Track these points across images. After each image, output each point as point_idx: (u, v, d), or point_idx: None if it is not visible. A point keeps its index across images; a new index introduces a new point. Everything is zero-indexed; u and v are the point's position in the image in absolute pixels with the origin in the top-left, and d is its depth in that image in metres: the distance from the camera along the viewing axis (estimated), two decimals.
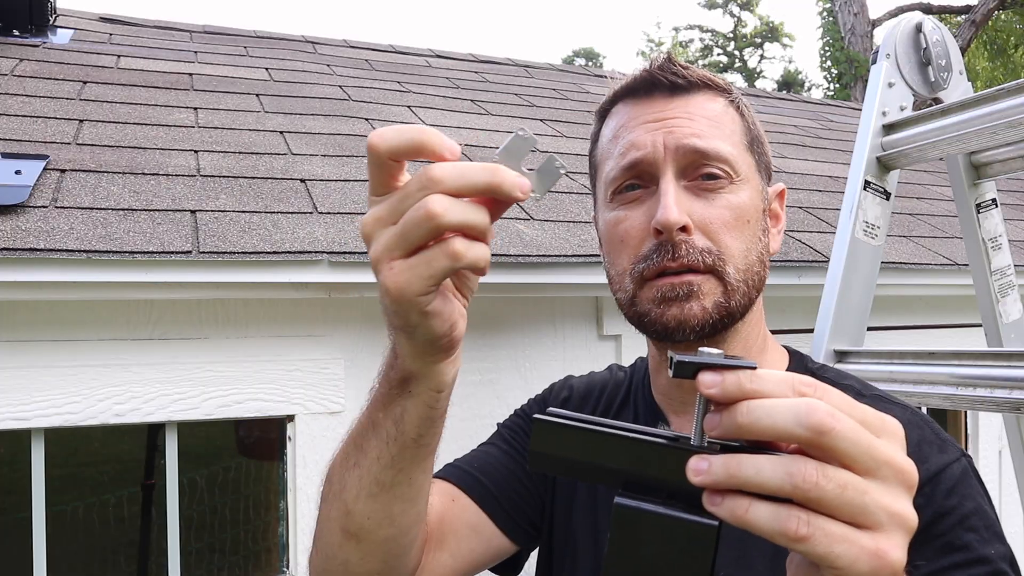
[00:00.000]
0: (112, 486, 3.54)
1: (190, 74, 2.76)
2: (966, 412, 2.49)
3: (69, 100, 2.20)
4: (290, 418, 1.57)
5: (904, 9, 10.56)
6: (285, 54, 3.45)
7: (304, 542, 1.57)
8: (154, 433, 2.79)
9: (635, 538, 0.46)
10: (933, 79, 1.50)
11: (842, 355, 1.37)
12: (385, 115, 2.67)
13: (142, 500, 3.31)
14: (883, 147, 1.46)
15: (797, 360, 0.92)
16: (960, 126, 1.35)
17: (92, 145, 1.86)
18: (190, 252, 1.39)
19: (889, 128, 1.47)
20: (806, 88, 21.79)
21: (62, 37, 3.01)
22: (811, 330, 1.40)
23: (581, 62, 23.27)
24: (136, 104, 2.27)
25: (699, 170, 0.79)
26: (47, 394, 1.40)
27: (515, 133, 0.56)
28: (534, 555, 1.00)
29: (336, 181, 1.89)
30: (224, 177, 1.79)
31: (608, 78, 0.92)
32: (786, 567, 0.49)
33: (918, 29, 1.50)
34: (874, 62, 1.52)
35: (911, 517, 0.44)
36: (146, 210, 1.54)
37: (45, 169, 1.63)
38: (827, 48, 12.33)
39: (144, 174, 1.72)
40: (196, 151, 1.94)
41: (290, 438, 1.57)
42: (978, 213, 1.51)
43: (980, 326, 1.53)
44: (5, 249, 1.29)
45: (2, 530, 2.77)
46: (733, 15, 23.28)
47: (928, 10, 10.38)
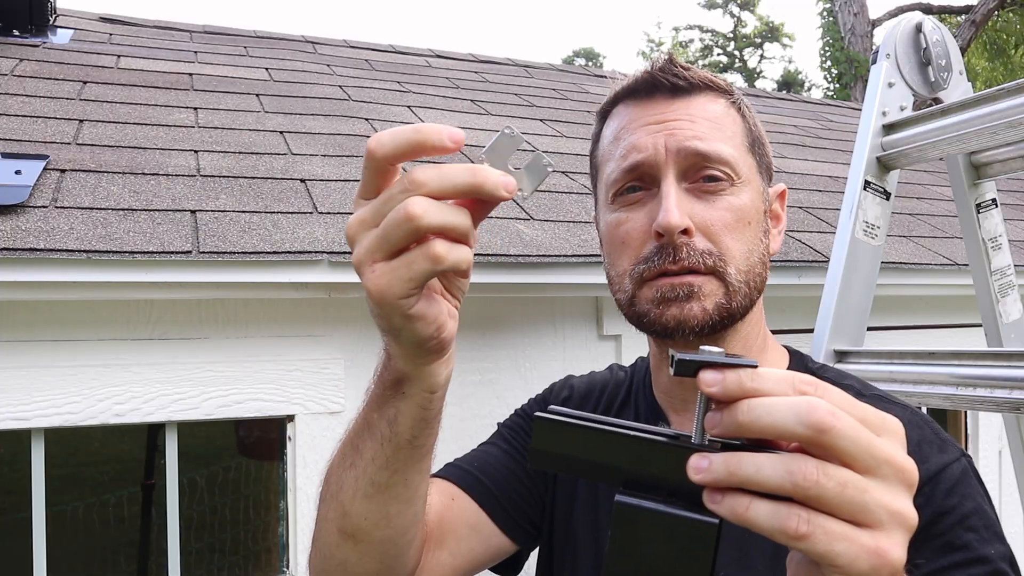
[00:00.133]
0: (112, 486, 3.54)
1: (190, 74, 2.76)
2: (966, 412, 2.49)
3: (69, 100, 2.20)
4: (290, 418, 1.57)
5: (904, 9, 10.56)
6: (285, 54, 3.45)
7: (304, 542, 1.57)
8: (154, 433, 2.79)
9: (636, 536, 0.46)
10: (933, 79, 1.50)
11: (842, 355, 1.37)
12: (385, 115, 2.67)
13: (142, 500, 3.31)
14: (883, 147, 1.46)
15: (797, 360, 0.92)
16: (960, 126, 1.35)
17: (92, 145, 1.86)
18: (190, 252, 1.39)
19: (889, 128, 1.47)
20: (806, 88, 21.79)
21: (62, 37, 3.00)
22: (811, 330, 1.40)
23: (581, 62, 23.27)
24: (136, 104, 2.27)
25: (700, 172, 0.79)
26: (47, 394, 1.40)
27: (501, 131, 0.56)
28: (534, 554, 1.00)
29: (336, 181, 1.89)
30: (224, 177, 1.79)
31: (609, 79, 0.92)
32: (786, 566, 0.49)
33: (918, 29, 1.50)
34: (874, 62, 1.52)
35: (911, 516, 0.44)
36: (146, 210, 1.54)
37: (45, 169, 1.63)
38: (827, 48, 12.32)
39: (144, 174, 1.72)
40: (196, 151, 1.94)
41: (290, 438, 1.57)
42: (978, 213, 1.51)
43: (980, 326, 1.53)
44: (5, 249, 1.29)
45: (2, 530, 2.77)
46: (733, 15, 23.28)
47: (928, 10, 10.38)
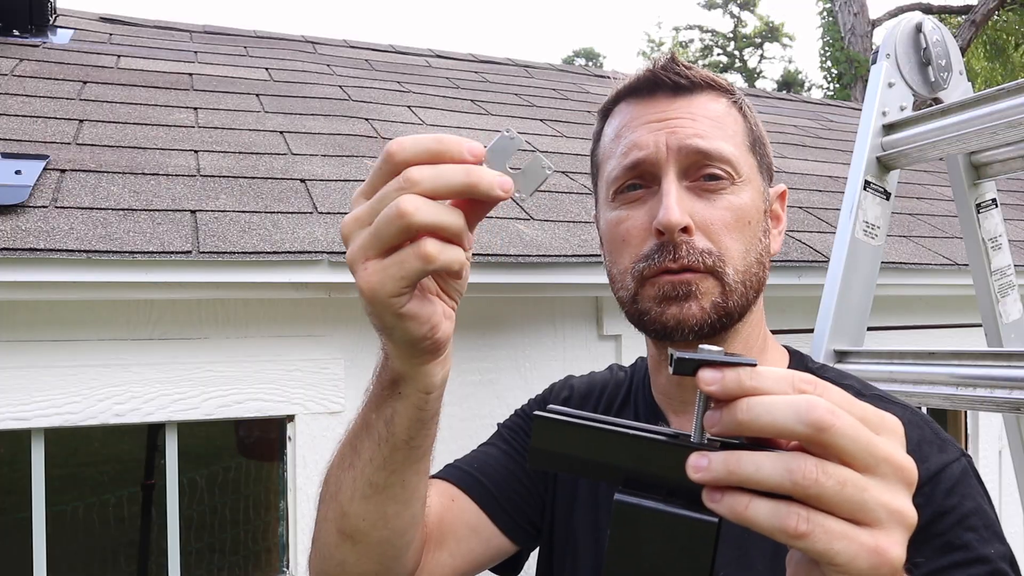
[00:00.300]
0: (112, 486, 3.54)
1: (190, 74, 2.76)
2: (966, 412, 2.49)
3: (69, 100, 2.20)
4: (290, 418, 1.57)
5: (904, 9, 10.56)
6: (285, 54, 3.45)
7: (304, 542, 1.57)
8: (154, 433, 2.79)
9: (635, 535, 0.46)
10: (933, 79, 1.50)
11: (842, 355, 1.37)
12: (385, 115, 2.67)
13: (142, 500, 3.31)
14: (883, 147, 1.46)
15: (797, 360, 0.92)
16: (960, 126, 1.35)
17: (92, 145, 1.86)
18: (190, 252, 1.39)
19: (889, 128, 1.47)
20: (806, 88, 21.79)
21: (62, 37, 3.00)
22: (811, 330, 1.40)
23: (581, 62, 23.27)
24: (136, 104, 2.27)
25: (701, 171, 0.79)
26: (47, 394, 1.40)
27: (501, 133, 0.56)
28: (534, 554, 1.00)
29: (336, 181, 1.89)
30: (224, 177, 1.79)
31: (610, 78, 0.92)
32: (786, 564, 0.49)
33: (918, 29, 1.50)
34: (874, 62, 1.52)
35: (910, 514, 0.44)
36: (146, 210, 1.54)
37: (45, 169, 1.63)
38: (827, 48, 12.32)
39: (144, 174, 1.72)
40: (196, 151, 1.94)
41: (290, 438, 1.57)
42: (978, 213, 1.51)
43: (980, 326, 1.53)
44: (5, 249, 1.29)
45: (2, 530, 2.77)
46: (733, 15, 23.28)
47: (928, 10, 10.38)
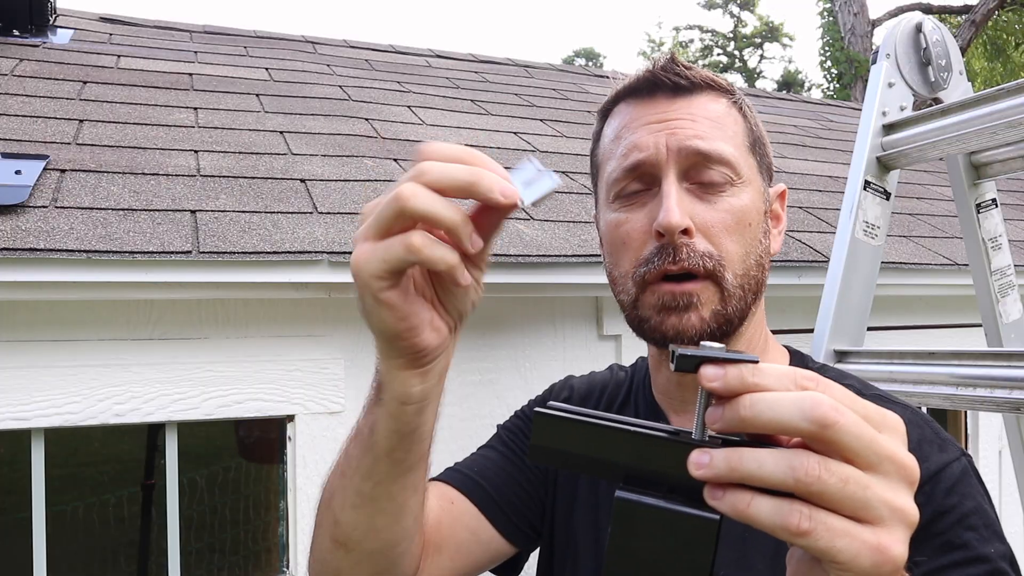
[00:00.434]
0: (112, 486, 3.54)
1: (190, 74, 2.76)
2: (966, 412, 2.49)
3: (69, 100, 2.20)
4: (290, 418, 1.57)
5: (904, 9, 10.56)
6: (285, 54, 3.45)
7: (304, 542, 1.57)
8: (154, 433, 2.79)
9: (636, 532, 0.45)
10: (933, 79, 1.50)
11: (842, 355, 1.37)
12: (385, 115, 2.67)
13: (142, 500, 3.31)
14: (883, 147, 1.46)
15: (798, 360, 0.92)
16: (960, 126, 1.35)
17: (92, 145, 1.86)
18: (190, 252, 1.39)
19: (889, 128, 1.46)
20: (806, 88, 21.78)
21: (62, 37, 3.00)
22: (811, 330, 1.40)
23: (581, 62, 23.26)
24: (136, 104, 2.27)
25: (701, 172, 0.79)
26: (47, 394, 1.40)
27: (527, 159, 0.55)
28: (534, 556, 1.00)
29: (336, 181, 1.89)
30: (224, 177, 1.79)
31: (610, 78, 0.92)
32: (786, 562, 0.49)
33: (918, 29, 1.50)
34: (874, 62, 1.52)
35: (912, 512, 0.44)
36: (146, 210, 1.54)
37: (45, 169, 1.63)
38: (827, 48, 12.32)
39: (144, 174, 1.72)
40: (196, 151, 1.94)
41: (290, 438, 1.57)
42: (978, 213, 1.51)
43: (980, 326, 1.53)
44: (5, 249, 1.29)
45: (2, 530, 2.77)
46: (733, 15, 23.27)
47: (928, 10, 10.38)
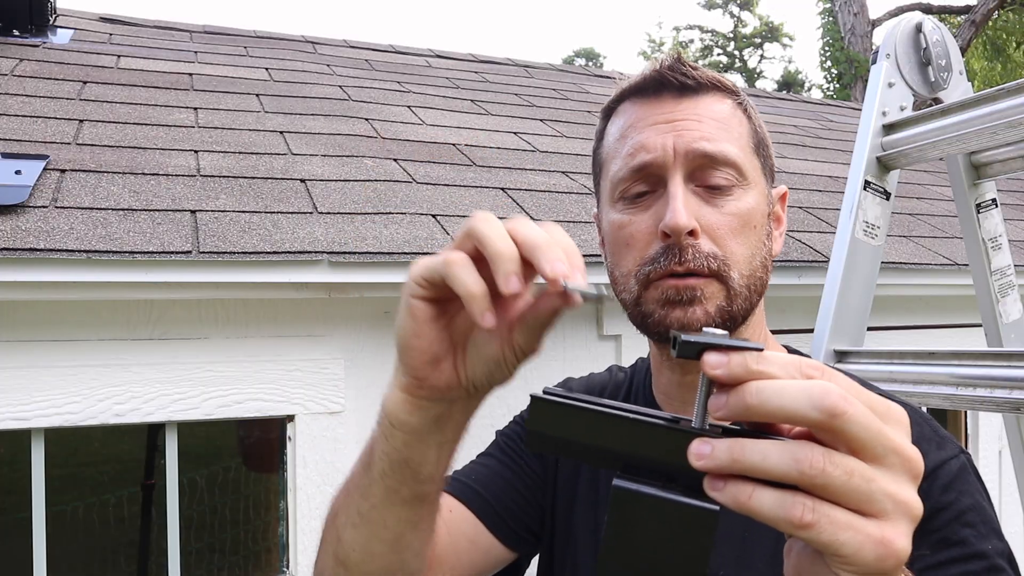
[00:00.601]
0: (112, 486, 3.55)
1: (190, 74, 2.76)
2: (966, 412, 2.49)
3: (69, 100, 2.20)
4: (290, 418, 1.57)
5: (904, 9, 10.55)
6: (285, 54, 3.45)
7: (304, 542, 1.57)
8: (154, 433, 2.79)
9: (633, 521, 0.45)
10: (933, 79, 1.50)
11: (842, 355, 1.37)
12: (385, 115, 2.67)
13: (142, 500, 3.31)
14: (883, 147, 1.46)
15: None
16: (960, 126, 1.35)
17: (92, 145, 1.86)
18: (190, 252, 1.39)
19: (889, 128, 1.46)
20: (806, 88, 21.78)
21: (62, 37, 3.00)
22: (811, 330, 1.40)
23: (581, 62, 23.25)
24: (136, 104, 2.27)
25: (707, 175, 0.79)
26: (47, 394, 1.40)
27: (598, 288, 0.52)
28: (535, 558, 1.00)
29: (336, 181, 1.89)
30: (224, 177, 1.79)
31: (611, 79, 0.91)
32: (784, 555, 0.48)
33: (918, 29, 1.50)
34: (874, 62, 1.52)
35: (916, 505, 0.43)
36: (146, 210, 1.54)
37: (45, 169, 1.63)
38: (827, 48, 12.33)
39: (144, 174, 1.72)
40: (196, 151, 1.94)
41: (290, 438, 1.57)
42: (978, 213, 1.51)
43: (980, 326, 1.53)
44: (5, 249, 1.29)
45: (2, 530, 2.77)
46: (733, 15, 23.28)
47: (928, 10, 10.38)
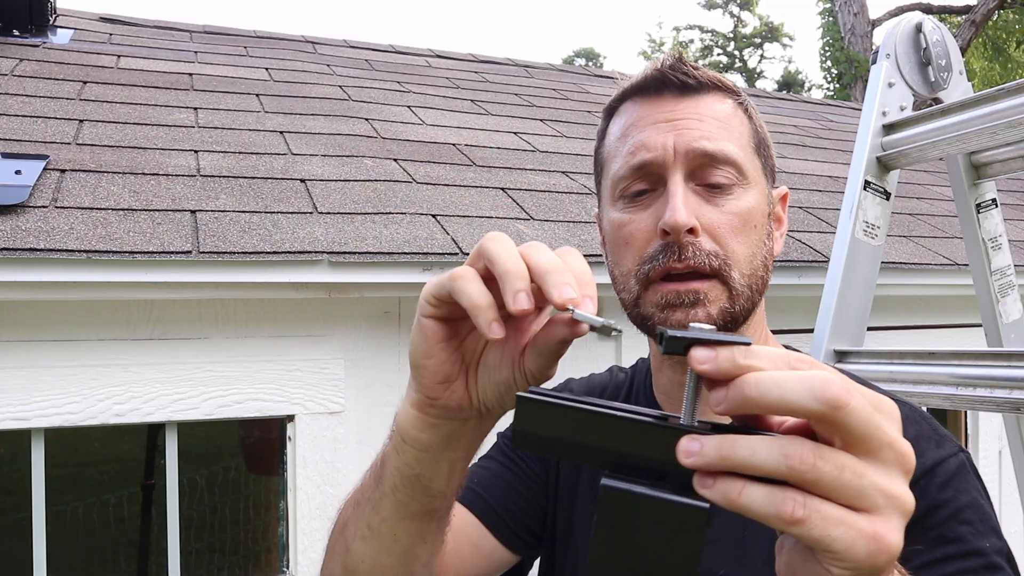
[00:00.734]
0: (112, 486, 3.55)
1: (190, 74, 2.76)
2: (966, 412, 2.49)
3: (69, 100, 2.20)
4: (290, 418, 1.57)
5: (904, 9, 10.55)
6: (285, 54, 3.45)
7: (304, 542, 1.57)
8: (154, 433, 2.79)
9: (622, 521, 0.44)
10: (933, 79, 1.50)
11: (842, 355, 1.37)
12: (385, 115, 2.67)
13: (142, 500, 3.31)
14: (883, 147, 1.46)
15: None
16: (960, 126, 1.35)
17: (92, 145, 1.86)
18: (190, 252, 1.39)
19: (889, 128, 1.46)
20: (806, 88, 21.78)
21: (62, 37, 3.00)
22: (811, 330, 1.40)
23: (581, 62, 23.25)
24: (136, 104, 2.27)
25: (708, 173, 0.79)
26: (47, 394, 1.40)
27: (610, 325, 0.50)
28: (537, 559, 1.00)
29: (336, 181, 1.89)
30: (224, 177, 1.79)
31: (611, 79, 0.92)
32: (775, 552, 0.48)
33: (918, 29, 1.50)
34: (874, 62, 1.52)
35: (908, 500, 0.43)
36: (146, 210, 1.54)
37: (45, 169, 1.63)
38: (827, 48, 12.33)
39: (144, 174, 1.72)
40: (196, 151, 1.94)
41: (290, 438, 1.57)
42: (978, 213, 1.51)
43: (980, 326, 1.53)
44: (5, 249, 1.29)
45: (2, 530, 2.77)
46: (733, 15, 23.28)
47: (928, 10, 10.38)
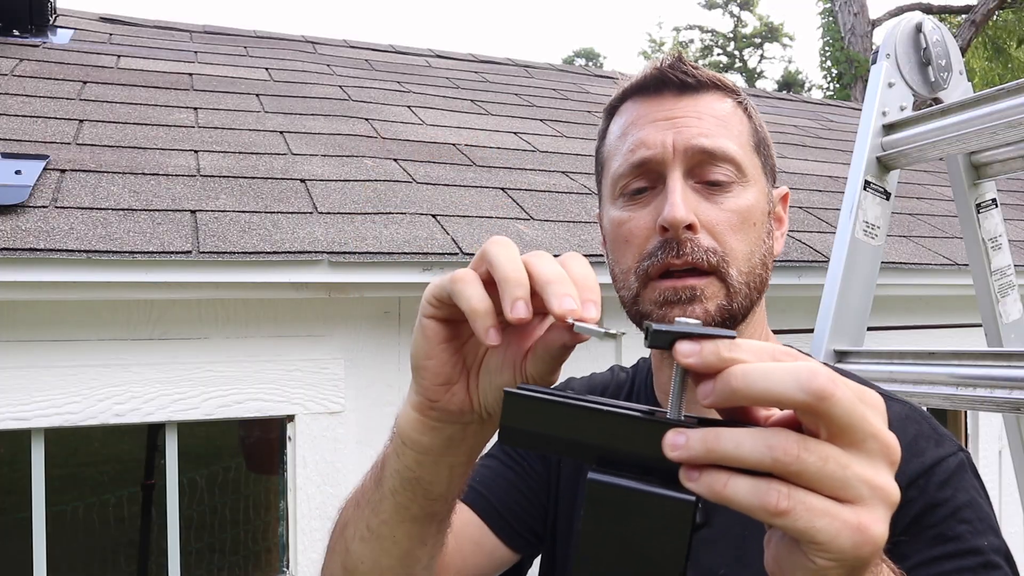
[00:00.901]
0: (112, 486, 3.55)
1: (190, 74, 2.76)
2: (966, 412, 2.49)
3: (69, 100, 2.20)
4: (290, 418, 1.57)
5: (904, 9, 10.55)
6: (285, 54, 3.45)
7: (304, 542, 1.57)
8: (154, 433, 2.79)
9: (609, 515, 0.44)
10: (933, 79, 1.50)
11: (842, 355, 1.37)
12: (385, 115, 2.67)
13: (142, 500, 3.31)
14: (883, 147, 1.46)
15: None
16: (960, 126, 1.35)
17: (92, 145, 1.86)
18: (190, 252, 1.39)
19: (889, 128, 1.46)
20: (806, 88, 21.78)
21: (62, 37, 3.00)
22: (811, 330, 1.40)
23: (581, 62, 23.25)
24: (136, 104, 2.27)
25: (707, 171, 0.79)
26: (47, 394, 1.40)
27: (609, 333, 0.51)
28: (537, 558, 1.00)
29: (336, 181, 1.89)
30: (224, 177, 1.79)
31: (611, 79, 0.92)
32: (764, 545, 0.48)
33: (918, 29, 1.50)
34: (874, 62, 1.52)
35: (893, 491, 0.43)
36: (146, 210, 1.54)
37: (45, 169, 1.63)
38: (827, 48, 12.33)
39: (144, 174, 1.72)
40: (196, 151, 1.94)
41: (290, 438, 1.57)
42: (978, 213, 1.51)
43: (980, 326, 1.53)
44: (5, 249, 1.29)
45: (2, 530, 2.77)
46: (733, 15, 23.28)
47: (928, 10, 10.38)
